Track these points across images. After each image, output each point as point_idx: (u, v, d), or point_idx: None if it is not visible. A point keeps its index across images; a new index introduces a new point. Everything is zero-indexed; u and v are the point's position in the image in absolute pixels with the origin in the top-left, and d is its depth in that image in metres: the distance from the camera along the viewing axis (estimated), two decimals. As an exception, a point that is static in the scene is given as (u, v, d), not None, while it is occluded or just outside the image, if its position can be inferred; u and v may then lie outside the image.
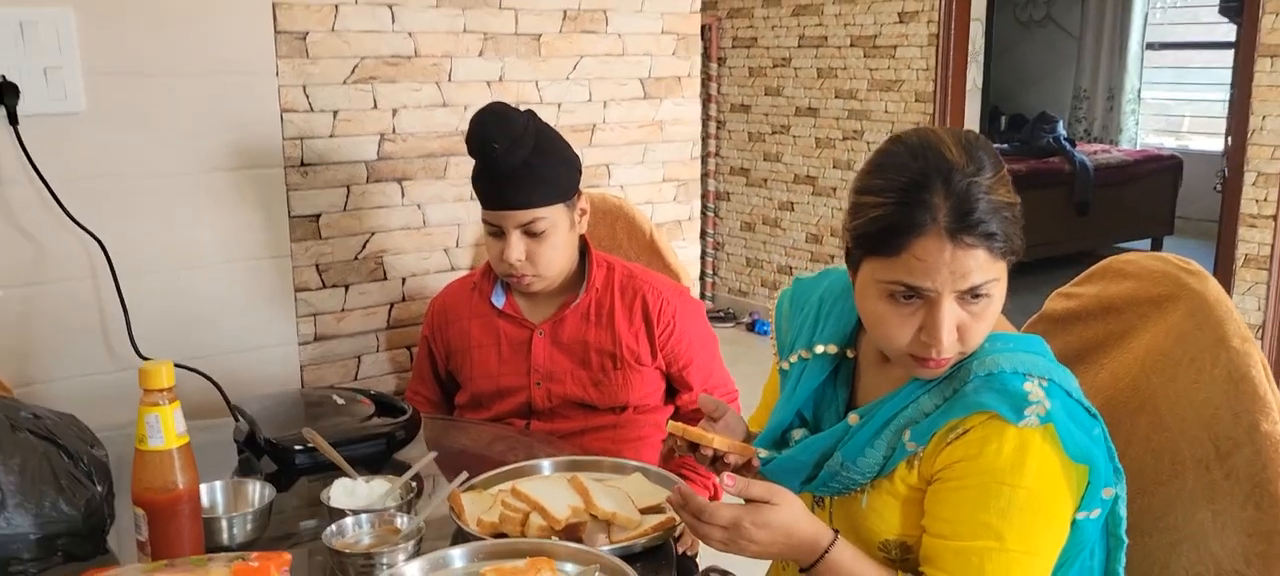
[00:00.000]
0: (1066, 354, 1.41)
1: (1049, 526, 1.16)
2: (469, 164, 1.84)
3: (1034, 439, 1.14)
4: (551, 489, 1.41)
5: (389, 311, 2.29)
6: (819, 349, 1.34)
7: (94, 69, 1.85)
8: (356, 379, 2.27)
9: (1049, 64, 8.25)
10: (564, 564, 1.24)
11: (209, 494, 1.40)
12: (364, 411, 1.73)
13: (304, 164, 2.11)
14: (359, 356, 2.27)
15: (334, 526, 1.31)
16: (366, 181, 2.20)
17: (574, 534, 1.33)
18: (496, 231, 1.83)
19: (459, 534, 1.37)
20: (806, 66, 5.29)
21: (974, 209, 1.11)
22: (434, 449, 1.63)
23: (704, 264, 5.77)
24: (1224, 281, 3.67)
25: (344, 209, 2.18)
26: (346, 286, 2.22)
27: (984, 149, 1.16)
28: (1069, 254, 5.97)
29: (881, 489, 1.24)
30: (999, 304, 1.17)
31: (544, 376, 1.89)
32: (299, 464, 1.58)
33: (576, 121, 2.45)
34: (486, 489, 1.48)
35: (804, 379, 1.34)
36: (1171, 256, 1.39)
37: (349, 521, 1.33)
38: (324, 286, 2.19)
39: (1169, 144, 7.91)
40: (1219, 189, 4.08)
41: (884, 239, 1.14)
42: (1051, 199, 6.39)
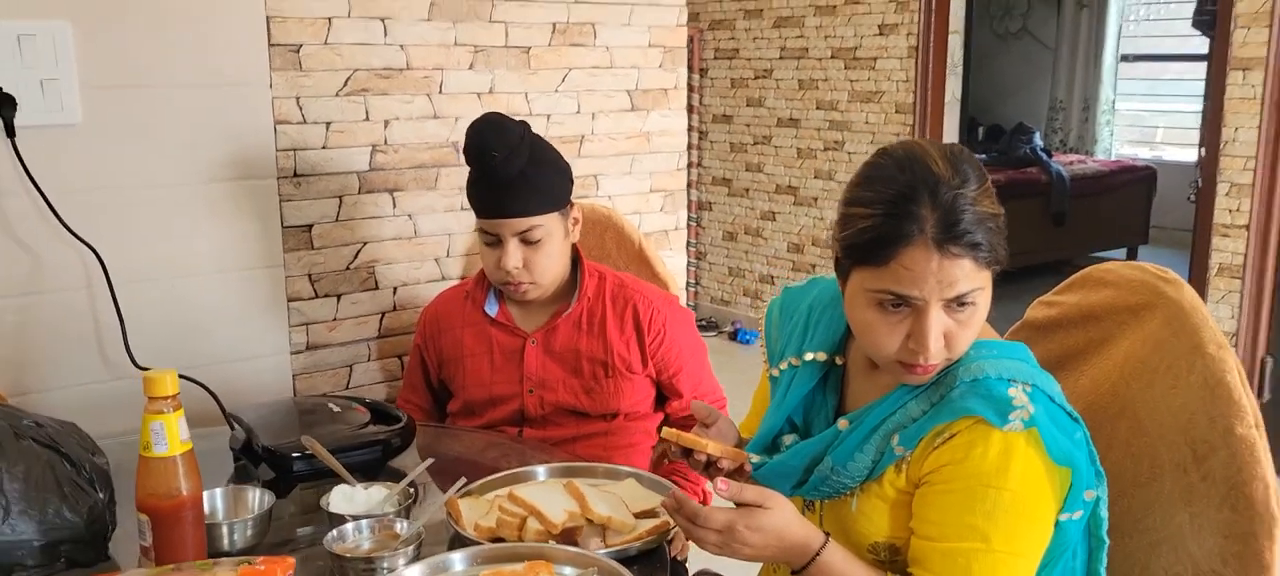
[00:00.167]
0: (1048, 360, 1.44)
1: (1033, 528, 1.19)
2: (460, 175, 1.86)
3: (1018, 443, 1.17)
4: (547, 494, 1.44)
5: (380, 321, 2.31)
6: (808, 356, 1.36)
7: (90, 81, 1.87)
8: (348, 388, 2.28)
9: (1025, 75, 8.32)
10: (562, 567, 1.27)
11: (208, 500, 1.42)
12: (359, 419, 1.74)
13: (297, 175, 2.13)
14: (350, 365, 2.28)
15: (335, 531, 1.33)
16: (358, 192, 2.22)
17: (570, 538, 1.36)
18: (493, 240, 1.85)
19: (457, 538, 1.39)
20: (788, 78, 5.33)
21: (960, 220, 1.14)
22: (428, 456, 1.65)
23: (686, 273, 5.78)
24: (1198, 290, 3.71)
25: (336, 219, 2.20)
26: (338, 296, 2.24)
27: (968, 162, 1.19)
28: (1046, 263, 6.02)
29: (870, 492, 1.27)
30: (984, 312, 1.21)
31: (536, 384, 1.92)
32: (297, 471, 1.60)
33: (565, 132, 2.48)
34: (483, 494, 1.50)
35: (794, 385, 1.37)
36: (1149, 266, 1.41)
37: (349, 527, 1.35)
38: (316, 296, 2.21)
39: (1143, 154, 7.97)
40: (1193, 199, 4.11)
41: (873, 249, 1.17)
42: (1029, 209, 6.44)
